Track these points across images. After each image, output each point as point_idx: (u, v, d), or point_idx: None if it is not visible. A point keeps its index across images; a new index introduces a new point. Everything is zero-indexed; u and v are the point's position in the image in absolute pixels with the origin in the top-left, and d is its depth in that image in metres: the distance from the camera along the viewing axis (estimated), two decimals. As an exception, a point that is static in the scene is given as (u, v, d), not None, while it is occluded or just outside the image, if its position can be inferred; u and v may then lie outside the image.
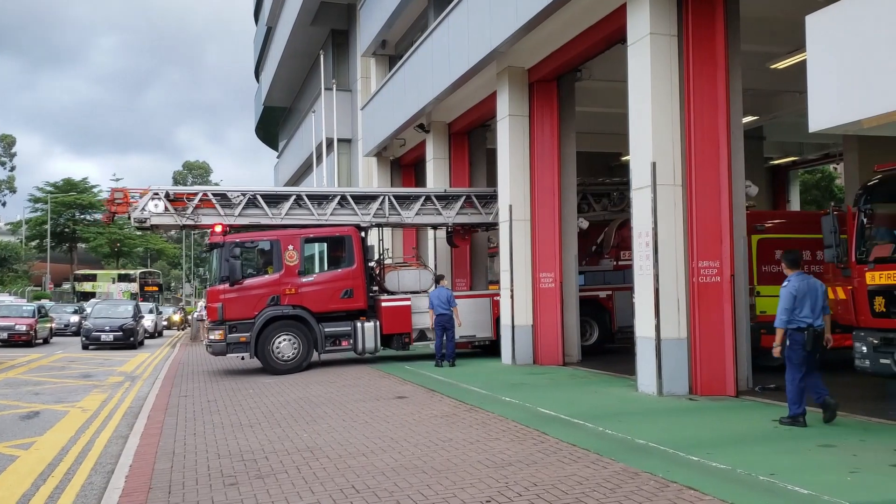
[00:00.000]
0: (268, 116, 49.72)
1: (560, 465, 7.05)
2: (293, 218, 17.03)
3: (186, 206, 16.59)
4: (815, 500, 5.71)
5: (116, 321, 27.64)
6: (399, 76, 21.94)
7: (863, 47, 5.75)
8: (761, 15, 12.77)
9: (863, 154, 16.82)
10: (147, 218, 16.35)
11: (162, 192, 16.54)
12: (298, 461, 7.58)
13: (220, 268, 16.00)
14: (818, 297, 8.60)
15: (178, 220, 16.63)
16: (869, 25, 5.73)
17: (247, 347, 15.92)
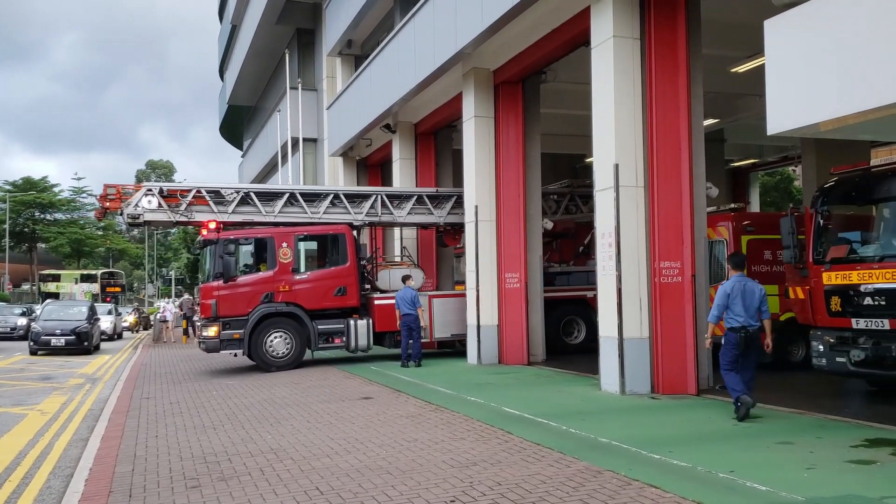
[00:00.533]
0: (232, 115, 49.26)
1: (524, 464, 7.10)
2: (286, 216, 17.08)
3: (180, 202, 16.54)
4: (773, 496, 5.82)
5: (69, 324, 24.84)
6: (365, 76, 21.89)
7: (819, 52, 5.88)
8: (722, 19, 12.99)
9: (820, 157, 17.16)
10: (140, 214, 16.30)
11: (156, 189, 16.53)
12: (262, 463, 7.54)
13: (214, 264, 16.02)
14: (753, 300, 9.01)
15: (172, 217, 16.58)
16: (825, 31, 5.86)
17: (240, 344, 16.02)
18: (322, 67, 30.00)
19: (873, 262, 9.25)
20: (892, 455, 6.97)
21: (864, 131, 6.50)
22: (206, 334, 16.09)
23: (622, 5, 11.18)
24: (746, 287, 9.12)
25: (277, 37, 32.89)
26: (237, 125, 51.54)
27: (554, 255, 19.94)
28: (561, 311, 17.74)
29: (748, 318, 8.98)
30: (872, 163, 9.61)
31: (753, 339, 9.02)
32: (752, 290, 9.13)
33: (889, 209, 9.51)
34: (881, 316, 9.03)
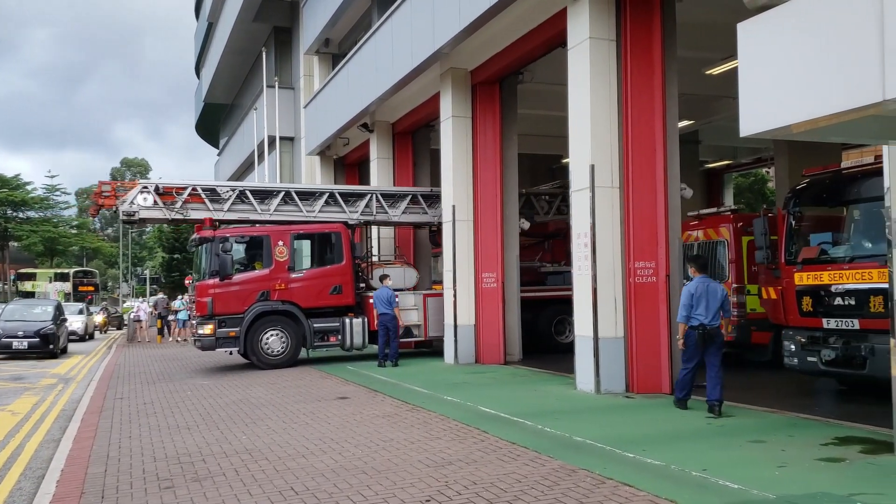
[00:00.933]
0: (208, 113, 48.88)
1: (499, 463, 7.13)
2: (282, 214, 17.19)
3: (175, 199, 16.55)
4: (745, 494, 5.89)
5: (32, 325, 22.57)
6: (342, 75, 21.83)
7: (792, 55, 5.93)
8: (697, 22, 13.09)
9: (792, 158, 17.37)
10: (136, 211, 16.25)
11: (151, 186, 16.52)
12: (237, 463, 7.50)
13: (211, 262, 16.04)
14: (715, 300, 9.29)
15: (167, 214, 16.59)
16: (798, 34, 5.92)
17: (236, 342, 16.13)
18: (299, 66, 29.86)
19: (844, 262, 9.39)
20: (860, 453, 7.08)
21: (836, 133, 6.57)
22: (202, 332, 16.14)
23: (598, 7, 11.24)
24: (709, 288, 9.38)
25: (254, 35, 32.68)
26: (213, 123, 51.15)
27: (546, 255, 20.14)
28: (552, 311, 17.94)
29: (708, 317, 9.27)
30: (843, 165, 9.74)
31: (711, 337, 9.28)
32: (714, 290, 9.39)
33: (859, 210, 9.66)
34: (851, 316, 9.17)
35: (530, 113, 18.64)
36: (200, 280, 16.56)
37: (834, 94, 5.58)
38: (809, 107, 5.81)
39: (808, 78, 5.79)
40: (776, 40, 6.13)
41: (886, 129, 6.53)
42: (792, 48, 5.96)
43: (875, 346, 8.74)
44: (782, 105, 6.05)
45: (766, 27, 6.23)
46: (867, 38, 5.27)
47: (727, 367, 9.69)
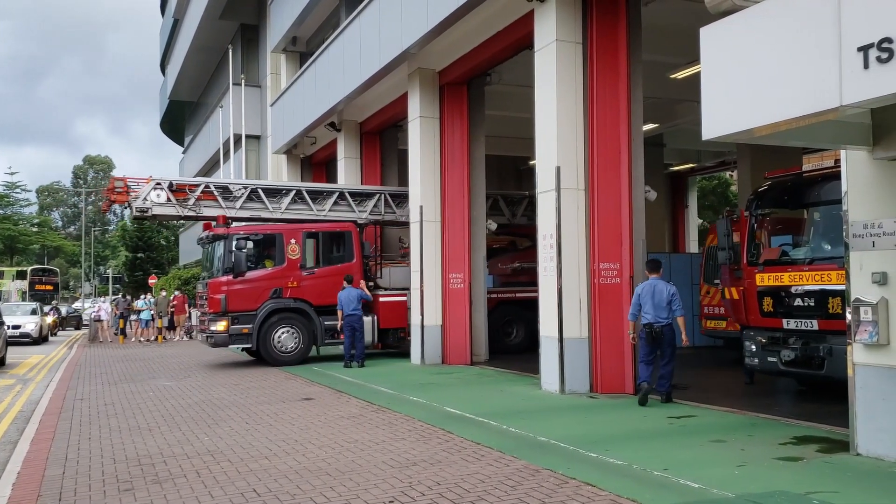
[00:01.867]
0: (174, 111, 48.36)
1: (464, 463, 7.13)
2: (292, 212, 17.51)
3: (188, 196, 16.76)
4: (705, 493, 5.96)
5: None
6: (310, 73, 21.71)
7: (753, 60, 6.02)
8: (663, 26, 13.24)
9: (755, 162, 17.64)
10: (149, 208, 16.46)
11: (165, 183, 16.69)
12: (198, 465, 7.42)
13: (224, 259, 16.27)
14: (661, 299, 10.03)
15: (180, 211, 16.83)
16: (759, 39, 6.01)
17: (249, 339, 16.36)
18: (266, 64, 29.65)
19: (804, 264, 9.56)
20: (818, 452, 7.21)
21: (796, 138, 6.69)
22: (215, 329, 16.27)
23: (565, 10, 11.31)
24: (656, 288, 10.13)
25: (221, 32, 32.39)
26: (179, 121, 50.60)
27: None
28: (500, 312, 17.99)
29: (656, 315, 10.01)
30: (804, 168, 9.93)
31: (660, 334, 10.01)
32: (661, 290, 10.13)
33: (819, 213, 9.84)
34: (810, 317, 9.34)
35: (498, 114, 18.70)
36: (212, 277, 16.78)
37: (794, 99, 5.68)
38: (770, 111, 5.91)
39: (769, 82, 5.89)
40: (738, 45, 6.22)
41: (844, 133, 6.68)
42: (753, 53, 6.05)
43: (833, 346, 8.91)
44: (744, 109, 6.14)
45: (728, 32, 6.32)
46: (825, 45, 5.38)
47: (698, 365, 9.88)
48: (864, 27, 5.09)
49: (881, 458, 6.75)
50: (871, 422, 6.85)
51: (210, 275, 17.13)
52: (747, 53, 6.09)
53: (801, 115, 5.68)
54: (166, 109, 48.99)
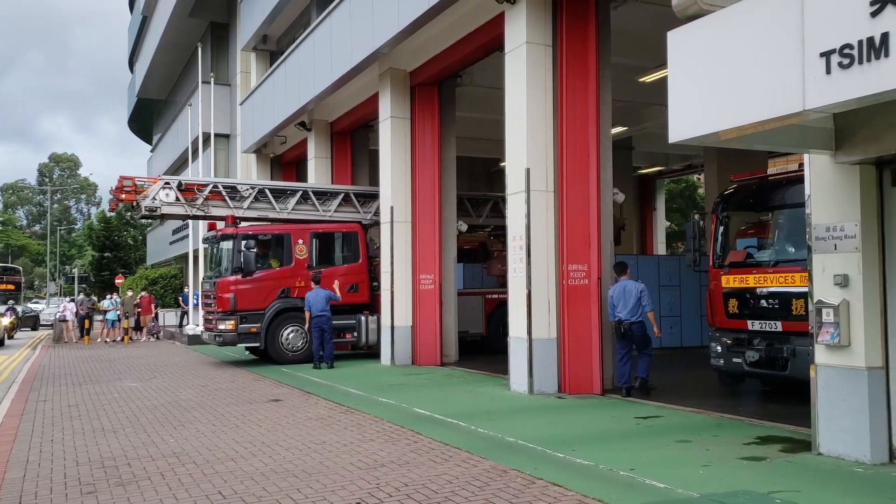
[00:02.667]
0: (142, 108, 47.79)
1: (432, 464, 7.13)
2: (298, 213, 17.71)
3: (196, 196, 16.79)
4: (670, 493, 6.02)
5: None
6: (280, 72, 21.58)
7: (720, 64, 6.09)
8: (632, 30, 13.35)
9: (721, 165, 17.87)
10: (158, 207, 16.52)
11: (174, 182, 16.80)
12: (163, 467, 7.33)
13: (233, 259, 16.45)
14: (630, 298, 10.79)
15: (189, 211, 16.90)
16: (725, 43, 6.08)
17: (257, 338, 16.56)
18: (236, 62, 29.40)
19: (768, 266, 9.70)
20: (781, 452, 7.31)
21: (761, 141, 6.78)
22: (224, 327, 16.38)
23: (535, 12, 11.37)
24: (626, 288, 10.91)
25: (190, 29, 32.08)
26: (147, 119, 50.03)
27: None
28: None
29: (626, 313, 10.80)
30: (769, 171, 10.06)
31: (629, 330, 10.78)
32: (629, 290, 10.89)
33: (784, 216, 9.99)
34: (775, 318, 9.48)
35: (469, 116, 18.74)
36: (220, 277, 16.94)
37: (758, 103, 5.77)
38: (735, 115, 5.99)
39: (734, 86, 5.96)
40: (704, 49, 6.30)
41: (807, 138, 6.79)
42: (719, 57, 6.13)
43: (796, 347, 9.05)
44: (710, 112, 6.22)
45: (694, 36, 6.39)
46: (789, 51, 5.46)
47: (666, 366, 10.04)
48: (826, 33, 5.18)
49: (842, 458, 6.87)
50: (833, 422, 6.96)
51: (217, 274, 17.32)
52: (713, 57, 6.17)
53: (766, 119, 5.77)
54: (134, 107, 48.40)
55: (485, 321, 18.32)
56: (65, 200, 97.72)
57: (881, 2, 4.80)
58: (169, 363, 18.39)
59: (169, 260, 40.62)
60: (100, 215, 63.42)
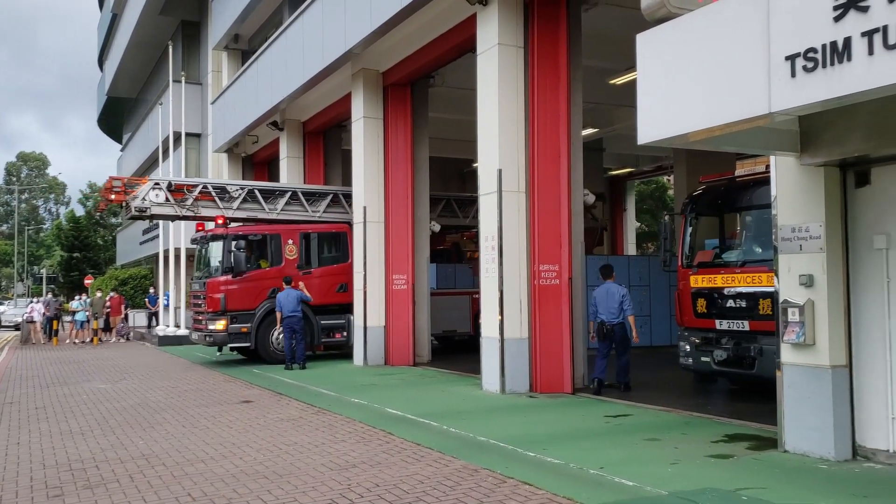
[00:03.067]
0: (112, 107, 47.22)
1: (403, 464, 7.14)
2: (288, 213, 17.67)
3: (186, 197, 16.77)
4: (639, 490, 6.08)
5: None
6: (252, 71, 21.45)
7: (688, 66, 6.16)
8: (602, 32, 13.46)
9: (690, 167, 18.06)
10: (147, 207, 16.50)
11: (164, 183, 16.80)
12: (132, 469, 7.26)
13: (224, 259, 16.52)
14: (613, 301, 11.14)
15: (178, 211, 16.87)
16: (693, 46, 6.15)
17: (247, 338, 16.61)
18: (207, 61, 29.17)
19: (736, 266, 9.83)
20: (748, 449, 7.42)
21: (729, 143, 6.87)
22: (214, 328, 16.38)
23: (507, 14, 11.42)
24: (609, 291, 11.27)
25: (161, 28, 31.76)
26: (117, 118, 49.44)
27: None
28: None
29: (608, 315, 11.16)
30: (737, 173, 10.19)
31: (611, 331, 11.12)
32: (613, 293, 11.24)
33: (751, 216, 10.13)
34: (742, 318, 9.61)
35: (441, 116, 18.76)
36: (209, 277, 16.98)
37: (726, 106, 5.84)
38: (703, 117, 6.06)
39: (702, 89, 6.03)
40: (673, 51, 6.37)
41: (774, 140, 6.90)
42: (688, 60, 6.20)
43: (763, 346, 9.18)
44: (679, 114, 6.28)
45: (663, 38, 6.45)
46: (755, 54, 5.54)
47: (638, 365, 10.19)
48: (791, 37, 5.25)
49: (807, 455, 6.98)
50: (798, 420, 7.08)
51: (207, 274, 17.30)
52: (682, 60, 6.23)
53: (733, 122, 5.84)
54: (104, 106, 47.81)
55: (472, 321, 18.48)
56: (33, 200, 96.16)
57: (844, 7, 4.89)
58: (139, 364, 18.20)
59: (139, 260, 40.19)
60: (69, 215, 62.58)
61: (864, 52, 4.77)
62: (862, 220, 6.94)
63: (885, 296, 6.75)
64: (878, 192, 6.84)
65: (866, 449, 6.85)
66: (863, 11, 4.76)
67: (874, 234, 6.81)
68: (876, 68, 4.71)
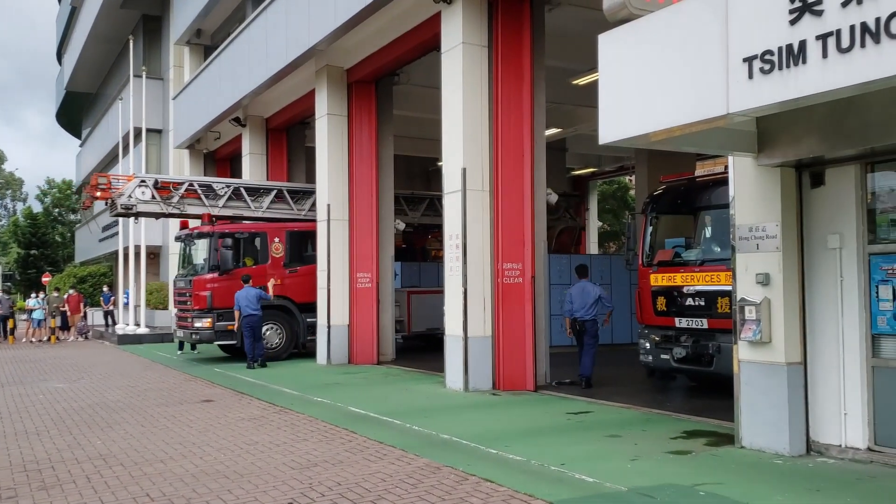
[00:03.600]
0: (71, 102, 46.35)
1: (366, 463, 7.12)
2: (273, 212, 17.86)
3: (172, 194, 16.93)
4: (599, 487, 6.14)
5: None
6: (214, 67, 21.20)
7: (649, 67, 6.22)
8: (565, 33, 13.53)
9: (651, 167, 18.27)
10: (133, 205, 16.62)
11: (150, 180, 16.96)
12: (89, 470, 7.15)
13: (210, 257, 16.53)
14: (588, 298, 11.44)
15: (164, 209, 17.04)
16: (653, 47, 6.21)
17: (233, 335, 16.38)
18: (169, 56, 28.78)
19: (695, 265, 9.97)
20: (705, 445, 7.53)
21: (689, 143, 6.98)
22: (201, 325, 16.34)
23: (471, 13, 11.44)
24: (584, 289, 11.52)
25: (122, 22, 31.27)
26: (76, 112, 48.54)
27: None
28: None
29: (582, 311, 11.43)
30: (696, 173, 10.35)
31: (583, 326, 11.45)
32: (588, 291, 11.48)
33: (710, 216, 10.27)
34: (701, 316, 9.75)
35: (407, 115, 18.74)
36: (195, 274, 16.96)
37: (685, 106, 5.92)
38: (662, 117, 6.13)
39: (662, 89, 6.10)
40: (634, 52, 6.43)
41: (732, 140, 7.01)
42: (648, 60, 6.26)
43: (721, 344, 9.33)
44: (639, 114, 6.35)
45: (624, 39, 6.51)
46: (714, 55, 5.62)
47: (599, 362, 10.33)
48: (749, 39, 5.34)
49: (763, 450, 7.11)
50: (754, 415, 7.21)
51: (192, 272, 17.27)
52: (642, 60, 6.30)
53: (691, 122, 5.92)
54: (63, 100, 46.90)
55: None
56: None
57: (799, 10, 4.98)
58: (97, 363, 17.90)
59: (98, 258, 39.50)
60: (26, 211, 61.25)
61: (818, 55, 4.86)
62: (817, 220, 7.08)
63: (839, 294, 6.90)
64: (832, 192, 6.99)
65: (820, 444, 7.01)
66: (817, 15, 4.86)
67: (828, 233, 6.96)
68: (830, 71, 4.81)
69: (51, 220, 63.12)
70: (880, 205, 6.75)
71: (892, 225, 6.68)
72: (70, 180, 61.53)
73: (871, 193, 6.80)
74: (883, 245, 6.67)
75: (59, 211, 65.50)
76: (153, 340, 24.10)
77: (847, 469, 6.53)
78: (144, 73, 27.51)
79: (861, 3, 4.62)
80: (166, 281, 28.07)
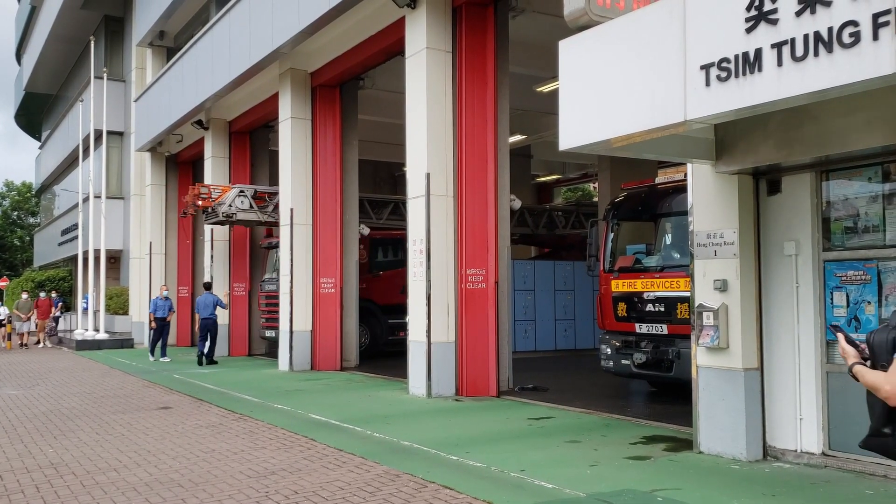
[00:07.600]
0: (30, 103, 45.45)
1: (324, 470, 7.04)
2: None
3: (266, 203, 17.86)
4: (558, 493, 6.13)
5: None
6: (177, 69, 20.94)
7: (607, 73, 6.24)
8: (529, 40, 13.58)
9: (614, 174, 18.39)
10: (234, 213, 17.46)
11: (249, 191, 17.91)
12: (39, 479, 6.96)
13: None
14: None
15: (261, 217, 17.97)
16: (613, 54, 6.24)
17: None
18: (131, 58, 28.32)
19: (655, 271, 10.04)
20: (664, 451, 7.57)
21: (649, 150, 7.01)
22: None
23: (435, 18, 11.43)
24: None
25: (83, 22, 30.71)
26: (36, 114, 47.62)
27: None
28: None
29: None
30: (657, 180, 10.42)
31: None
32: None
33: (670, 223, 10.36)
34: (661, 321, 9.82)
35: (372, 119, 18.68)
36: None
37: (643, 113, 5.94)
38: (621, 124, 6.15)
39: (622, 96, 6.12)
40: (593, 59, 6.45)
41: (690, 148, 7.07)
42: (608, 67, 6.29)
43: (681, 350, 9.40)
44: (599, 121, 6.36)
45: (584, 46, 6.53)
46: (672, 62, 5.65)
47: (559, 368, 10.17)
48: (706, 47, 5.37)
49: (720, 456, 7.17)
50: (712, 421, 7.26)
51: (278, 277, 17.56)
52: (602, 67, 6.32)
53: (650, 129, 5.95)
54: (22, 101, 45.99)
55: None
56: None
57: (755, 19, 5.03)
58: (54, 370, 17.52)
59: (57, 262, 38.76)
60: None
61: (773, 63, 4.90)
62: (773, 226, 7.16)
63: (795, 300, 6.98)
64: (788, 199, 7.07)
65: (776, 449, 7.08)
66: (772, 24, 4.90)
67: (785, 240, 7.05)
68: (785, 79, 4.86)
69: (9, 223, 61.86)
70: (835, 212, 6.84)
71: (846, 232, 6.78)
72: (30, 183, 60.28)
73: (826, 201, 6.89)
74: (837, 252, 6.76)
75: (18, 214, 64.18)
76: (113, 346, 23.68)
77: (802, 474, 6.60)
78: (106, 75, 27.06)
79: (815, 12, 4.67)
80: (127, 286, 27.62)
